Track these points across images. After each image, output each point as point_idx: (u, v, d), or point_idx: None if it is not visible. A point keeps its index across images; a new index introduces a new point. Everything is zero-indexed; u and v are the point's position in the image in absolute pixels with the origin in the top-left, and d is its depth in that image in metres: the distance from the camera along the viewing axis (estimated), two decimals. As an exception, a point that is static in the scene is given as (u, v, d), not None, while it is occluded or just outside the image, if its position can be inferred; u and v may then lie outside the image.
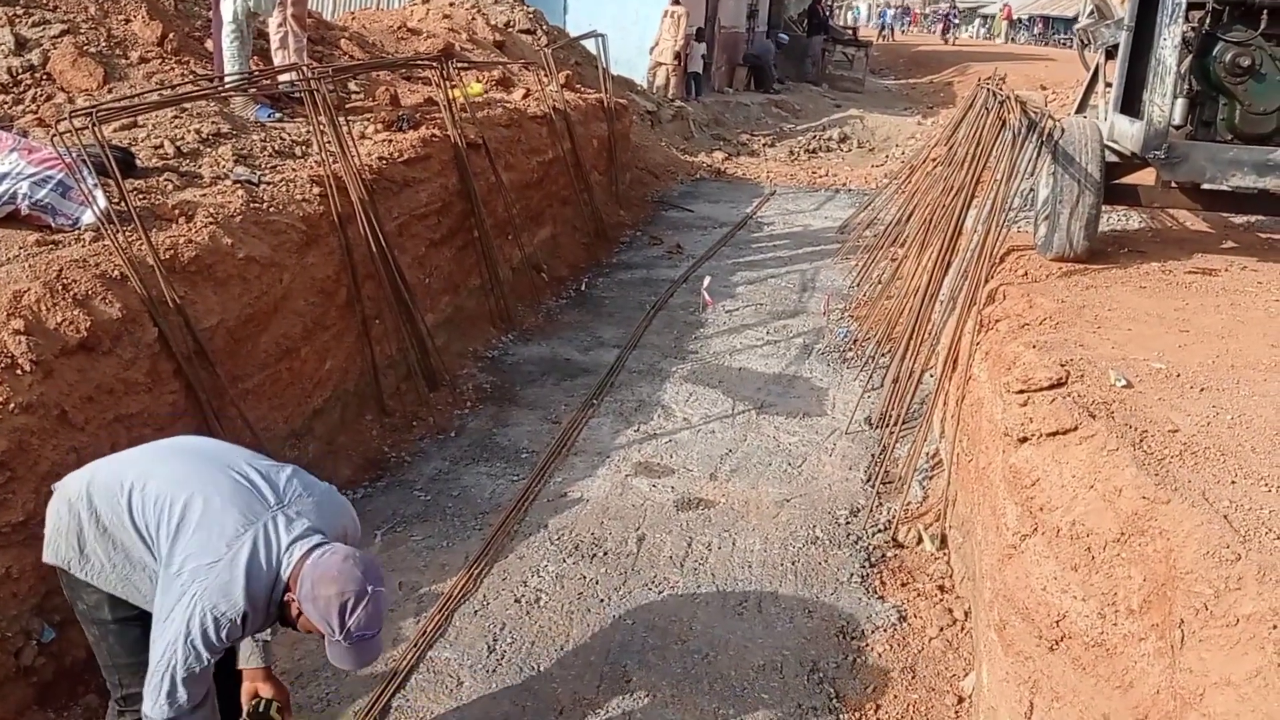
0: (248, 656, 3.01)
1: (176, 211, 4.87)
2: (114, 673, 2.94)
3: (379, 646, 2.80)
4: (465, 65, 9.88)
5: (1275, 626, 2.33)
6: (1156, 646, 2.70)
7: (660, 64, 17.60)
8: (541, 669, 4.10)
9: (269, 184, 5.62)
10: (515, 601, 4.53)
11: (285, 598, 2.65)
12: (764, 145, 17.07)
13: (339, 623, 2.59)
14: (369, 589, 2.63)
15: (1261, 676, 2.31)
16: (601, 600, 4.56)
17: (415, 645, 4.17)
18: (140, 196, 4.89)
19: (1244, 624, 2.41)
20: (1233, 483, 2.89)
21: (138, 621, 2.83)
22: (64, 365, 3.86)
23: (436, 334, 6.84)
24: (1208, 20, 5.17)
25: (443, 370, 6.75)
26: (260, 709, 2.97)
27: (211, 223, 4.87)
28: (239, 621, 2.60)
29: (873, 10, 50.10)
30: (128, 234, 4.46)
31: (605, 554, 4.93)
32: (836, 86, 24.94)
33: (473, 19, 13.18)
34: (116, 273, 4.29)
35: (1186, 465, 2.98)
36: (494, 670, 4.08)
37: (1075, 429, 3.27)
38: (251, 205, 5.27)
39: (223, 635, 2.59)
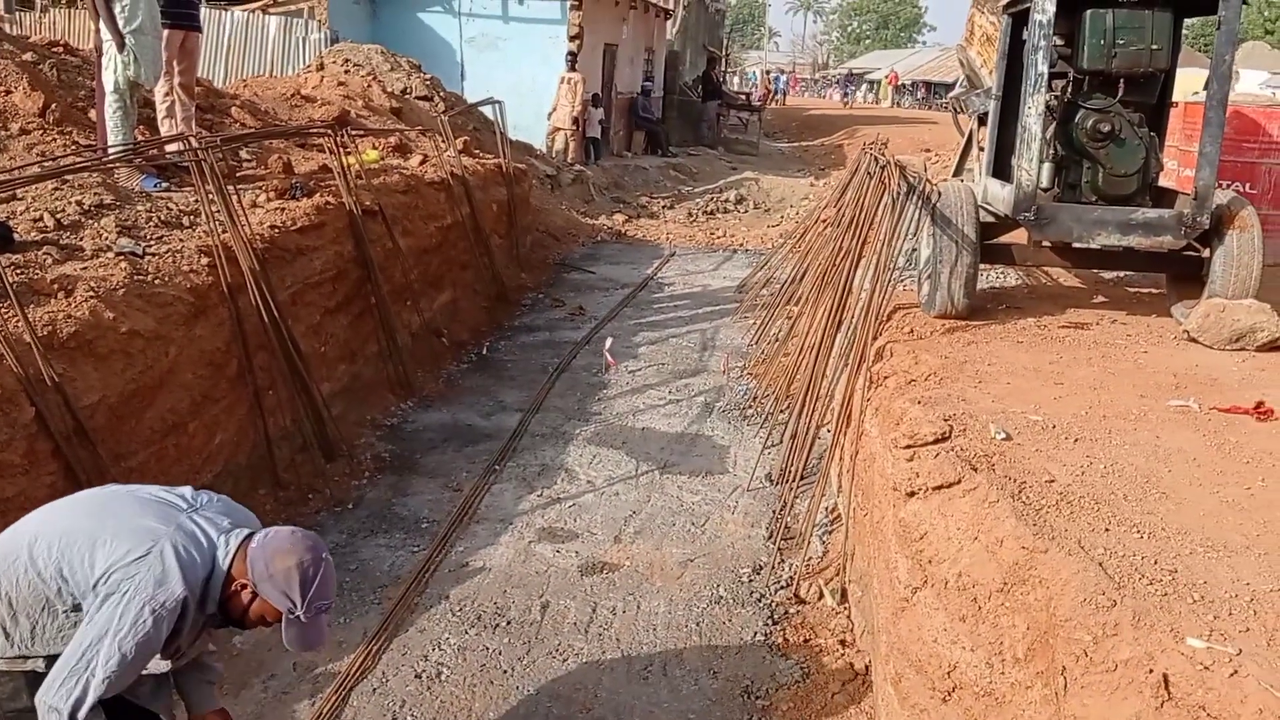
0: (199, 703, 3.07)
1: (55, 286, 4.73)
2: None
3: (326, 627, 2.84)
4: (361, 132, 9.86)
5: (1151, 670, 2.43)
6: (1042, 694, 2.78)
7: (558, 129, 17.82)
8: (443, 745, 4.01)
9: (154, 255, 5.50)
10: (416, 677, 4.44)
11: (232, 588, 2.68)
12: (663, 207, 17.36)
13: (300, 593, 2.65)
14: (324, 555, 2.75)
15: None
16: (505, 671, 4.49)
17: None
18: (17, 272, 4.74)
19: (1122, 669, 2.50)
20: (1106, 530, 3.01)
21: None
22: (-67, 449, 3.69)
23: (333, 403, 6.73)
24: (1070, 89, 5.49)
25: (340, 440, 6.64)
26: None
27: (92, 297, 4.74)
28: (174, 612, 2.57)
29: (760, 76, 51.68)
30: (3, 311, 4.32)
31: (508, 623, 4.87)
32: (732, 150, 25.54)
33: (368, 86, 13.18)
34: (-10, 352, 4.14)
35: (1063, 514, 3.11)
36: (394, 749, 3.98)
37: (959, 482, 3.38)
38: (135, 278, 5.14)
39: (161, 629, 2.56)
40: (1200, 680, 2.32)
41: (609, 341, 8.50)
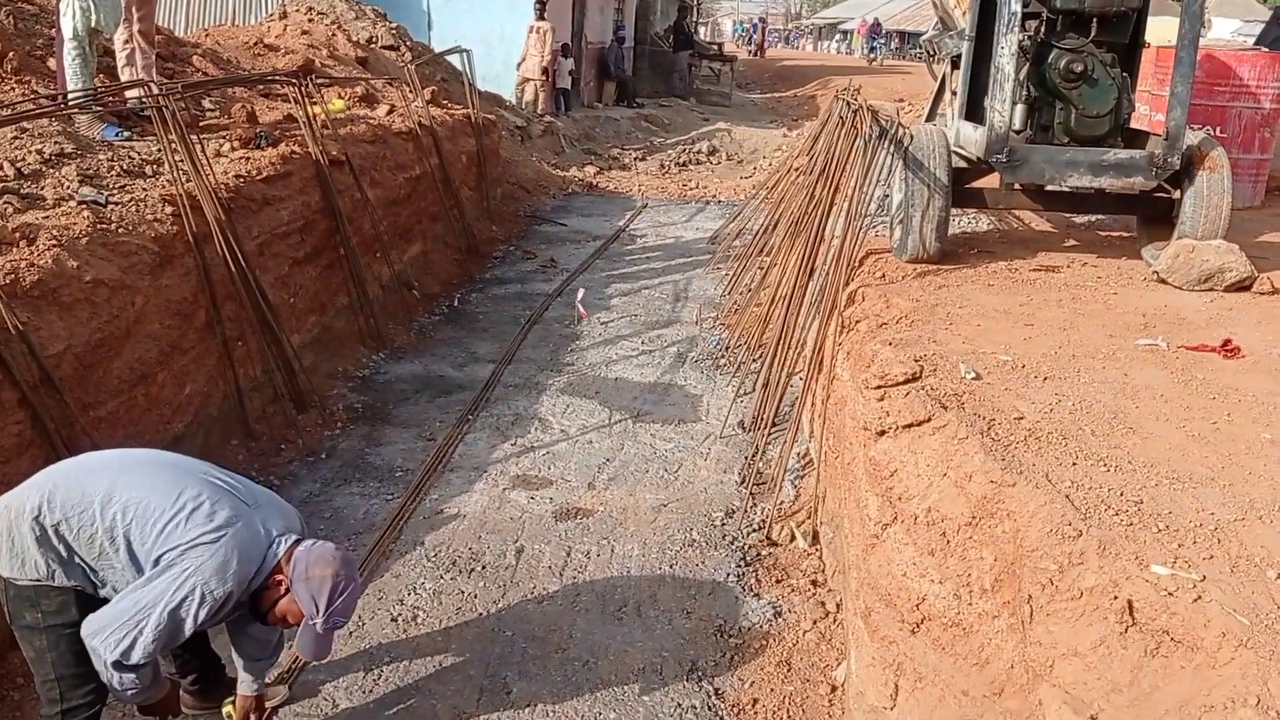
0: (244, 683, 3.43)
1: (17, 235, 4.64)
2: (56, 686, 2.96)
3: (333, 643, 3.19)
4: (326, 81, 9.70)
5: (1116, 598, 2.47)
6: (1009, 623, 2.83)
7: (528, 79, 17.59)
8: (420, 686, 4.04)
9: (117, 204, 5.41)
10: (392, 620, 4.46)
11: (271, 580, 2.95)
12: (635, 159, 17.24)
13: (326, 602, 2.92)
14: (356, 578, 3.09)
15: (1105, 645, 2.45)
16: (480, 614, 4.52)
17: (289, 671, 4.05)
18: (-24, 220, 4.65)
19: (1087, 596, 2.55)
20: (1074, 464, 3.05)
21: None
22: (-106, 397, 3.64)
23: (304, 355, 6.68)
24: (1043, 29, 5.47)
25: (311, 391, 6.59)
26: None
27: (55, 245, 4.66)
28: (221, 601, 2.83)
29: (739, 26, 51.75)
30: (-37, 258, 4.24)
31: (483, 568, 4.89)
32: (704, 101, 25.35)
33: (333, 35, 12.94)
34: (-49, 300, 4.07)
35: (1031, 450, 3.14)
36: (370, 691, 4.00)
37: (929, 420, 3.41)
38: (99, 227, 5.05)
39: (203, 614, 2.81)
40: (1164, 606, 2.36)
41: (581, 293, 8.47)
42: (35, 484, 2.96)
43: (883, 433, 3.60)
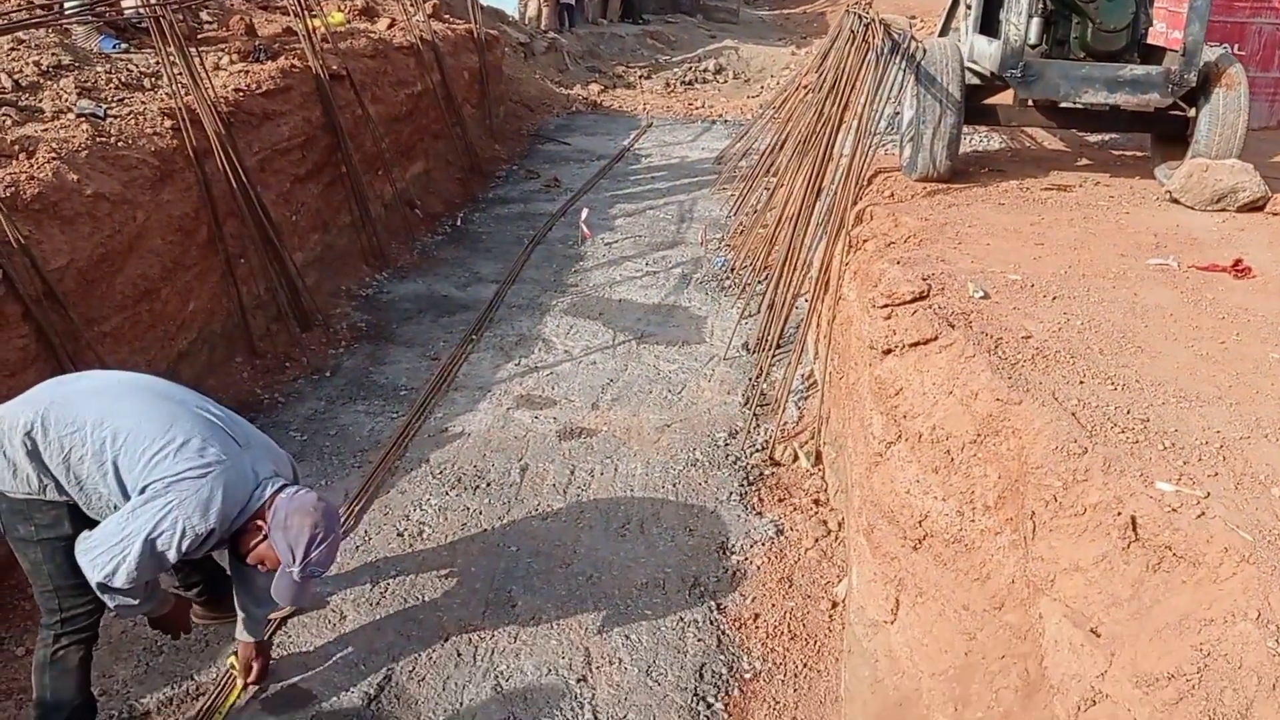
0: (242, 631, 3.47)
1: (16, 147, 4.59)
2: (54, 597, 3.00)
3: (312, 592, 3.25)
4: (326, -7, 9.48)
5: (1119, 514, 2.48)
6: (1011, 539, 2.84)
7: (532, -6, 17.21)
8: (426, 599, 4.09)
9: (116, 118, 5.33)
10: (398, 535, 4.50)
11: (250, 524, 2.95)
12: (640, 77, 16.94)
13: (302, 553, 2.93)
14: (336, 530, 3.05)
15: (1107, 560, 2.46)
16: (485, 530, 4.57)
17: (295, 584, 4.11)
18: (-26, 133, 4.59)
19: (1090, 512, 2.55)
20: (1081, 383, 3.04)
21: None
22: (-103, 309, 3.63)
23: (307, 273, 6.65)
24: (1061, -63, 5.30)
25: (315, 310, 6.58)
26: (233, 665, 3.57)
27: (55, 158, 4.61)
28: (203, 537, 2.85)
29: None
30: (-39, 171, 4.19)
31: (488, 485, 4.92)
32: (711, 18, 24.77)
33: (333, -54, 12.61)
34: (-49, 213, 4.03)
35: (1038, 368, 3.12)
36: (377, 603, 4.06)
37: (935, 339, 3.39)
38: (98, 140, 4.99)
39: (183, 547, 2.83)
40: (1167, 522, 2.37)
41: (585, 213, 8.39)
42: (31, 399, 2.96)
43: (889, 351, 3.58)
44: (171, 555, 2.83)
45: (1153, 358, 3.21)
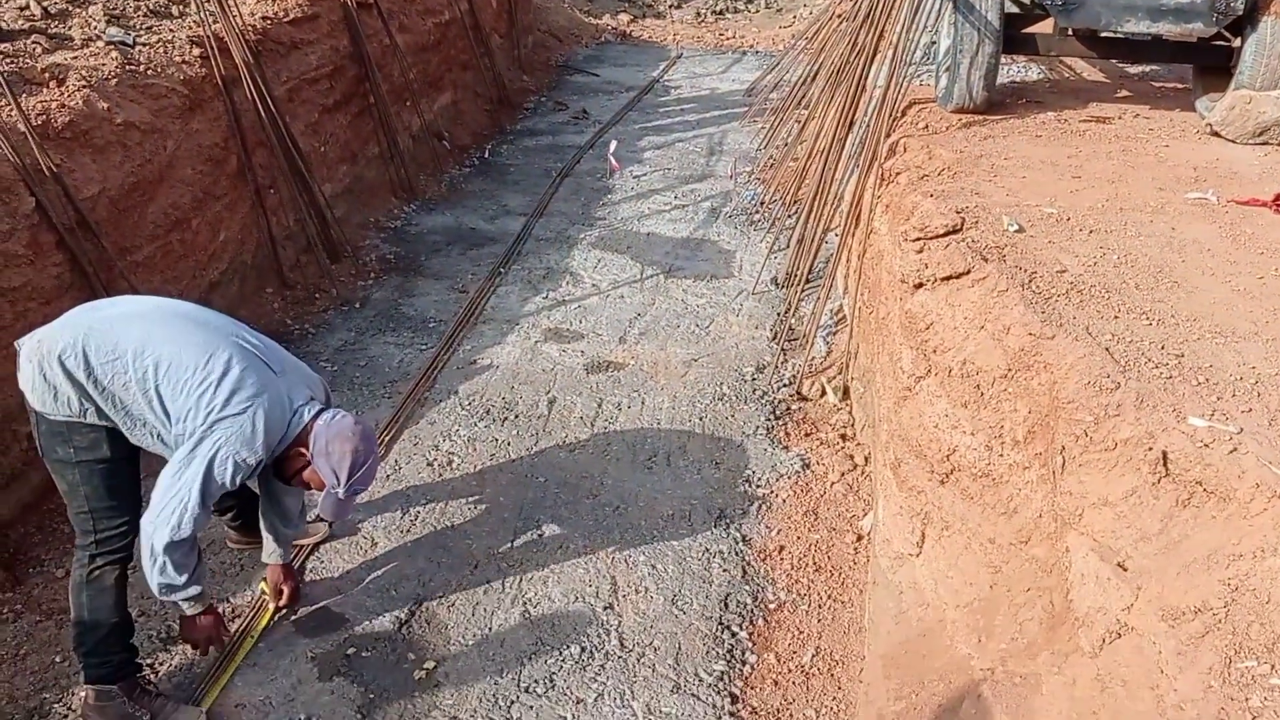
0: (271, 554, 3.57)
1: (46, 75, 4.59)
2: (90, 519, 3.05)
3: (353, 507, 3.39)
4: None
5: (1150, 449, 2.46)
6: (1039, 474, 2.84)
7: (561, -79, 16.86)
8: (455, 527, 4.15)
9: (145, 45, 5.31)
10: (427, 465, 4.55)
11: (292, 451, 3.06)
12: (670, 7, 16.64)
13: (346, 476, 3.05)
14: (375, 450, 3.17)
15: (1136, 495, 2.45)
16: (514, 461, 4.61)
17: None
18: (7, 61, 4.59)
19: (1121, 447, 2.53)
20: (1116, 318, 3.00)
21: (127, 464, 3.09)
22: (-66, 238, 3.66)
23: (335, 204, 6.65)
24: None
25: (344, 241, 6.59)
26: (263, 590, 3.68)
27: (85, 86, 4.61)
28: (252, 467, 2.97)
29: None
30: (-6, 99, 4.20)
31: (516, 417, 4.96)
32: (743, -54, 24.25)
33: None
34: (-16, 140, 4.05)
35: (1072, 303, 3.08)
36: (408, 531, 4.12)
37: (968, 272, 3.35)
38: (127, 68, 4.98)
39: (236, 479, 2.95)
40: (1199, 457, 2.35)
41: (613, 145, 8.30)
42: (70, 324, 2.99)
43: (920, 285, 3.54)
44: (227, 487, 2.97)
45: (1189, 293, 3.16)
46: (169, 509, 2.90)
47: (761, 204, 7.76)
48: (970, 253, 3.41)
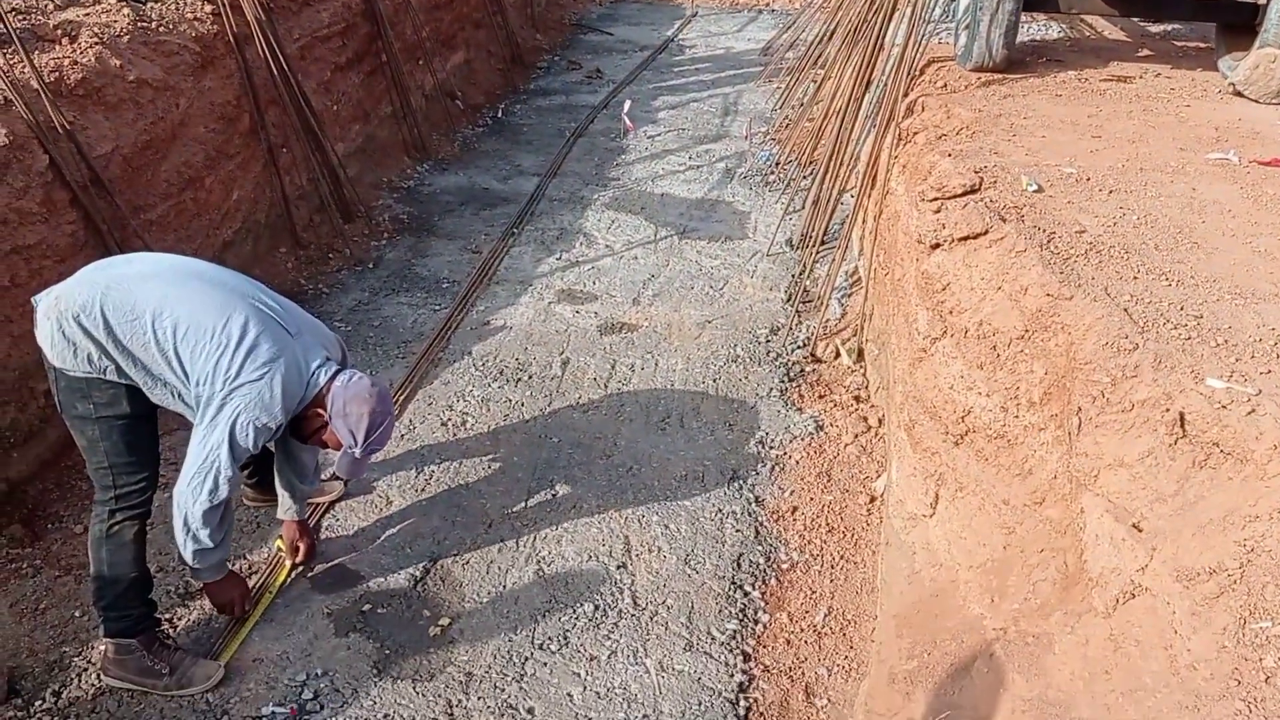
0: (286, 510, 3.62)
1: (59, 32, 4.57)
2: (109, 474, 3.07)
3: (368, 466, 3.47)
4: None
5: (1168, 410, 2.44)
6: (1055, 435, 2.83)
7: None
8: (469, 486, 4.17)
9: (157, 2, 5.27)
10: (442, 425, 4.57)
11: (310, 412, 3.10)
12: (685, -35, 16.42)
13: (364, 437, 3.10)
14: (390, 410, 3.21)
15: (1153, 456, 2.44)
16: (527, 421, 4.62)
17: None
18: (19, 17, 4.57)
19: (1138, 409, 2.52)
20: (1135, 278, 2.97)
21: (145, 421, 3.11)
22: (-51, 195, 3.67)
23: (348, 164, 6.63)
24: None
25: (357, 201, 6.58)
26: (280, 548, 3.73)
27: (97, 43, 4.59)
28: (273, 430, 3.02)
29: None
30: (8, 56, 4.18)
31: (530, 378, 4.96)
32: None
33: None
34: (-2, 97, 4.04)
35: (1091, 264, 3.05)
36: (422, 490, 4.14)
37: (986, 233, 3.32)
38: (139, 25, 4.95)
39: (259, 442, 3.01)
40: (1216, 418, 2.34)
41: (627, 105, 8.24)
42: (87, 281, 2.98)
43: (937, 246, 3.51)
44: (251, 451, 3.02)
45: (1209, 254, 3.13)
46: (200, 476, 2.96)
47: (777, 165, 7.70)
48: (988, 213, 3.38)
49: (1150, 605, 2.22)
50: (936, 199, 3.64)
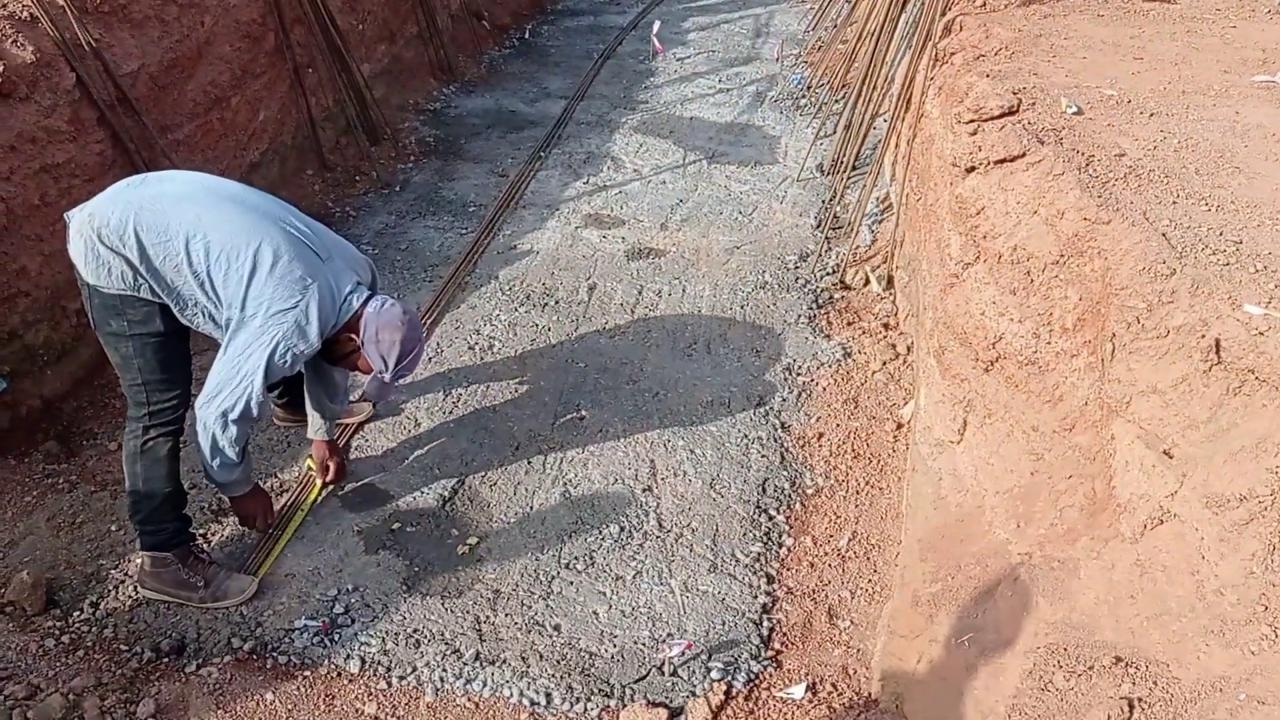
0: (317, 430, 3.64)
1: (82, -53, 4.50)
2: (143, 391, 3.11)
3: (396, 389, 3.54)
4: None
5: (1203, 336, 2.41)
6: (1087, 362, 2.80)
7: None
8: (496, 409, 4.20)
9: (179, -83, 5.18)
10: (469, 349, 4.59)
11: (342, 337, 3.13)
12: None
13: (394, 363, 3.15)
14: (420, 337, 3.26)
15: (1186, 383, 2.41)
16: (554, 346, 4.63)
17: (371, 391, 4.24)
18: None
19: (1174, 335, 2.48)
20: (1174, 203, 2.90)
21: (178, 339, 3.14)
22: (-22, 112, 3.67)
23: (374, 85, 6.56)
24: None
25: (383, 123, 6.53)
26: (310, 467, 3.77)
27: (121, -42, 4.52)
28: (305, 355, 3.06)
29: None
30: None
31: (557, 303, 4.96)
32: None
33: None
34: (25, 14, 4.01)
35: (1130, 187, 2.99)
36: (450, 412, 4.18)
37: (1023, 155, 3.24)
38: (162, -60, 4.87)
39: (296, 364, 3.07)
40: (1253, 345, 2.30)
41: (656, 26, 8.08)
42: (120, 200, 2.98)
43: (972, 169, 3.45)
44: (285, 373, 3.08)
45: (1250, 179, 3.05)
46: (233, 399, 2.99)
47: (808, 88, 7.56)
48: (1026, 135, 3.30)
49: (1178, 531, 2.21)
50: (973, 121, 3.56)
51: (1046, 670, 2.33)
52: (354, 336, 3.14)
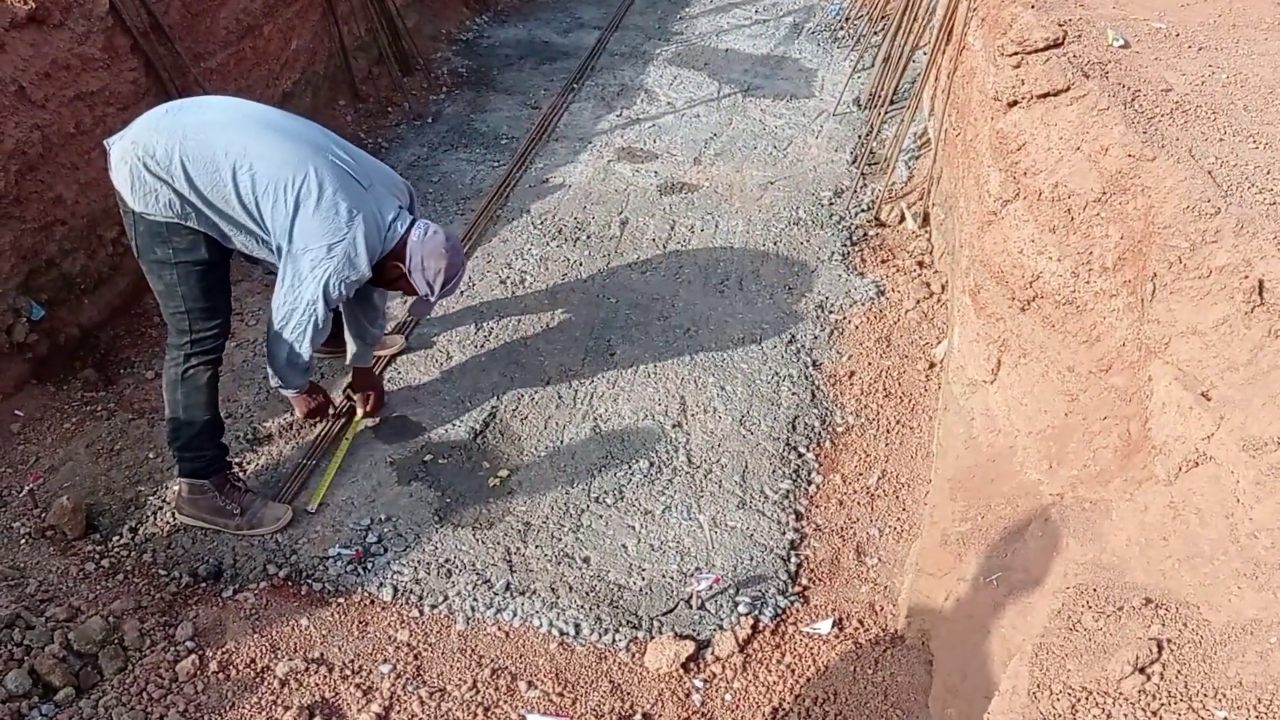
0: (356, 357, 3.70)
1: None
2: (185, 319, 3.16)
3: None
4: None
5: (1247, 277, 2.35)
6: (1126, 302, 2.75)
7: None
8: (528, 343, 4.21)
9: None
10: (500, 283, 4.59)
11: (388, 263, 3.20)
12: None
13: (439, 287, 3.27)
14: (462, 261, 3.37)
15: (1228, 324, 2.36)
16: (585, 281, 4.62)
17: (404, 325, 4.26)
18: None
19: (1216, 275, 2.43)
20: (1221, 140, 2.83)
21: (221, 268, 3.19)
22: (15, 40, 3.67)
23: (406, 14, 6.49)
24: None
25: (416, 54, 6.47)
26: (351, 396, 3.79)
27: (150, -117, 4.47)
28: (358, 281, 3.14)
29: None
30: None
31: (588, 237, 4.93)
32: None
33: None
34: (54, -60, 3.98)
35: (1176, 123, 2.91)
36: (482, 345, 4.19)
37: (1067, 89, 3.16)
38: None
39: (349, 292, 3.17)
40: (1298, 287, 2.25)
41: (693, -46, 7.92)
42: (163, 128, 2.97)
43: (1014, 103, 3.36)
44: (341, 300, 3.19)
45: (1305, 116, 2.96)
46: (300, 327, 3.14)
47: (847, 20, 7.40)
48: (1071, 68, 3.21)
49: (1213, 474, 2.19)
50: (1016, 53, 3.46)
51: (1075, 610, 2.33)
52: (400, 264, 3.20)
